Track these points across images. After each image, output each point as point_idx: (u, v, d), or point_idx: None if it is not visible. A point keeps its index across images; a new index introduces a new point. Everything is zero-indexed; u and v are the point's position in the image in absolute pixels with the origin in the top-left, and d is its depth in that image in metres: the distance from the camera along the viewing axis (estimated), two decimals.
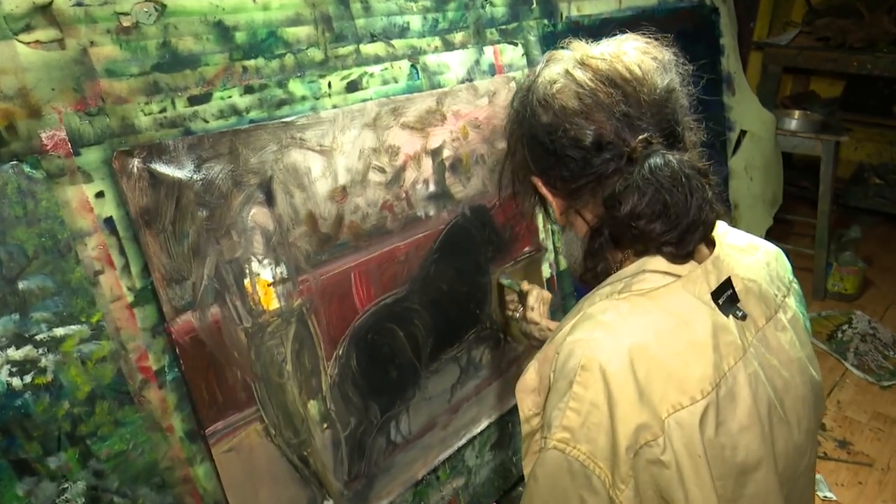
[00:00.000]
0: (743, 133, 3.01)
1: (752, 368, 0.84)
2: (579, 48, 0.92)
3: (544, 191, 0.98)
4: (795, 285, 1.01)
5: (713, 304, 0.84)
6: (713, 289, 0.85)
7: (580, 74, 0.86)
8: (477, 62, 1.69)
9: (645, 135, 0.82)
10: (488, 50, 1.72)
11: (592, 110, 0.84)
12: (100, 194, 1.03)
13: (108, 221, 1.04)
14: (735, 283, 0.87)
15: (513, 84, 1.81)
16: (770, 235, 3.18)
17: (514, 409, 1.89)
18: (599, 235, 0.91)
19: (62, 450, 1.01)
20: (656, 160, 0.80)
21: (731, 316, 0.85)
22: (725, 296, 0.85)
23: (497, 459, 1.91)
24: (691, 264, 0.87)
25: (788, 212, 3.75)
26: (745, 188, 3.06)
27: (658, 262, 0.86)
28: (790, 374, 0.89)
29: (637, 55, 0.87)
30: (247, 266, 1.23)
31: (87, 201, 1.01)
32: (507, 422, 1.92)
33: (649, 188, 0.79)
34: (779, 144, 3.17)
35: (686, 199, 0.79)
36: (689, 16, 2.58)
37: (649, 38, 0.93)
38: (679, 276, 0.85)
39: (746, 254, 0.95)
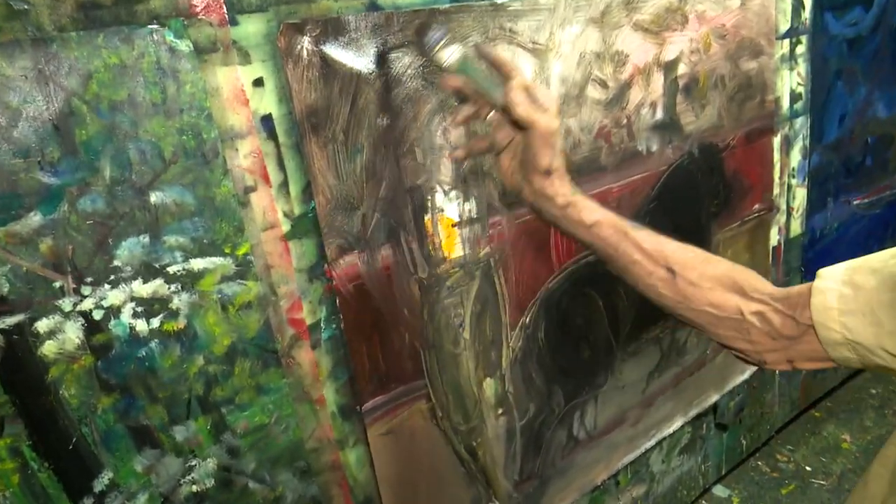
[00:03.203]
0: None
1: None
2: None
3: None
4: None
5: None
6: None
7: None
8: None
9: None
10: None
11: None
12: (258, 82, 0.79)
13: (267, 121, 0.81)
14: None
15: None
16: None
17: (714, 406, 1.58)
18: None
19: (192, 418, 0.81)
20: None
21: None
22: None
23: (685, 466, 1.61)
24: None
25: None
26: None
27: None
28: None
29: None
30: (430, 198, 0.97)
31: (241, 90, 0.78)
32: (703, 422, 1.61)
33: None
34: None
35: None
36: None
37: None
38: None
39: None
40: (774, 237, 1.64)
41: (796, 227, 1.70)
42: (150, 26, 0.71)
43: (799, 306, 0.66)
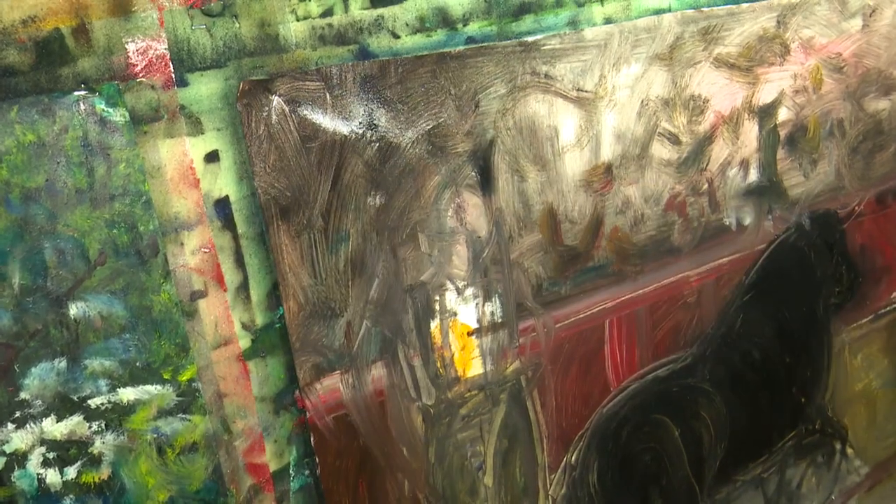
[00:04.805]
0: None
1: None
2: None
3: None
4: None
5: None
6: None
7: None
8: None
9: None
10: None
11: None
12: (212, 156, 0.88)
13: (222, 205, 0.89)
14: None
15: None
16: None
17: None
18: None
19: None
20: None
21: None
22: None
23: None
24: None
25: None
26: None
27: None
28: None
29: None
30: (438, 298, 1.04)
31: (190, 167, 0.86)
32: None
33: None
34: None
35: None
36: None
37: None
38: None
39: None
40: None
41: None
42: (76, 93, 0.79)
43: None
